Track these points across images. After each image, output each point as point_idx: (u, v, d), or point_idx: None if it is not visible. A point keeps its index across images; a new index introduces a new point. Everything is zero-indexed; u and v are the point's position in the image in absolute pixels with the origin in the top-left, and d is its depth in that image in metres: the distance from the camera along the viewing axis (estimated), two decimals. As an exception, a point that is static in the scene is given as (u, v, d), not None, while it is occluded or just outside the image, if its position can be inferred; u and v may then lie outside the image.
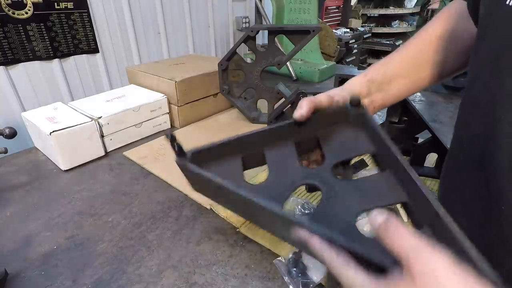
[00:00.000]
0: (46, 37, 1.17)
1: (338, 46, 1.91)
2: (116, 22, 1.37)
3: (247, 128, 0.83)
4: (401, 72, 0.48)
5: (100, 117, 0.81)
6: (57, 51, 1.21)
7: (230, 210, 0.53)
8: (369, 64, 3.80)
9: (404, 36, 4.03)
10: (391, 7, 3.87)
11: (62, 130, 0.73)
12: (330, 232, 0.26)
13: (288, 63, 1.40)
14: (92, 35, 1.30)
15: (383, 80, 0.47)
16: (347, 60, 2.83)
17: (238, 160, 0.38)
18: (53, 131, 0.72)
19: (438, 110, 1.12)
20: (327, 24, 2.57)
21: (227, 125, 0.98)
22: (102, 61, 1.37)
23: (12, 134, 0.69)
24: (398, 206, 0.58)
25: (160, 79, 0.96)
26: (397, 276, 0.22)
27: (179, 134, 0.93)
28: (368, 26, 3.81)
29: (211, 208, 0.63)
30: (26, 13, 1.10)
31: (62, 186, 0.72)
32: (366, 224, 0.54)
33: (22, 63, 1.14)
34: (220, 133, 0.93)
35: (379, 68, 0.48)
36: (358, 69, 1.89)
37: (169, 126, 0.99)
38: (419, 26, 4.11)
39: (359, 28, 3.26)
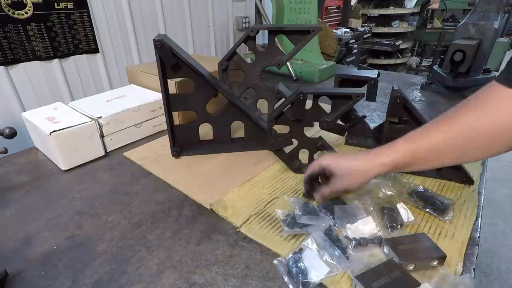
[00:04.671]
0: (46, 37, 1.17)
1: (338, 46, 1.90)
2: (116, 22, 1.37)
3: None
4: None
5: (100, 117, 0.81)
6: (57, 51, 1.22)
7: None
8: (369, 64, 3.81)
9: (404, 36, 4.04)
10: (391, 7, 3.87)
11: (62, 130, 0.73)
12: None
13: (288, 63, 1.40)
14: (92, 35, 1.30)
15: (404, 164, 0.49)
16: (347, 60, 2.83)
17: None
18: (53, 131, 0.72)
19: (438, 110, 1.12)
20: (327, 24, 2.57)
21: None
22: (102, 61, 1.37)
23: (12, 134, 0.69)
24: (398, 206, 0.58)
25: (160, 79, 0.95)
26: None
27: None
28: (368, 26, 3.81)
29: (211, 208, 0.63)
30: (26, 13, 1.10)
31: (62, 186, 0.72)
32: (364, 225, 0.54)
33: (22, 63, 1.14)
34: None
35: (407, 148, 0.49)
36: (358, 69, 1.89)
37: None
38: (419, 26, 4.12)
39: (359, 28, 3.26)
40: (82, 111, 0.84)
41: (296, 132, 0.71)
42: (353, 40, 2.90)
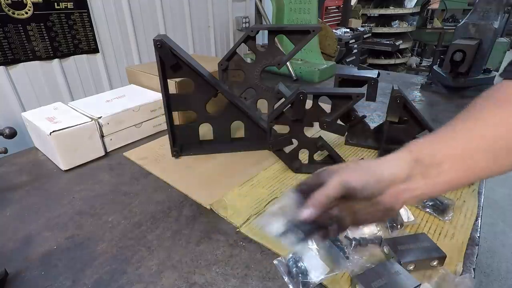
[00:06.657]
0: (46, 37, 1.17)
1: (338, 46, 1.90)
2: (116, 22, 1.37)
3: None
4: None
5: (100, 117, 0.81)
6: (57, 51, 1.22)
7: None
8: (369, 64, 3.80)
9: (404, 36, 4.03)
10: (391, 7, 3.87)
11: (62, 130, 0.73)
12: None
13: (288, 63, 1.40)
14: (92, 35, 1.30)
15: (431, 161, 0.35)
16: (347, 60, 2.83)
17: None
18: (53, 131, 0.72)
19: (438, 110, 1.12)
20: (327, 24, 2.57)
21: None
22: (102, 61, 1.37)
23: (12, 134, 0.69)
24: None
25: (160, 79, 0.95)
26: None
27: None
28: (368, 26, 3.81)
29: (211, 208, 0.63)
30: (26, 13, 1.10)
31: (62, 186, 0.72)
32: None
33: (22, 63, 1.14)
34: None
35: (425, 146, 0.37)
36: (358, 69, 1.89)
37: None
38: (419, 26, 4.11)
39: (359, 28, 3.26)
40: (82, 111, 0.84)
41: (296, 132, 0.71)
42: (353, 40, 2.90)
